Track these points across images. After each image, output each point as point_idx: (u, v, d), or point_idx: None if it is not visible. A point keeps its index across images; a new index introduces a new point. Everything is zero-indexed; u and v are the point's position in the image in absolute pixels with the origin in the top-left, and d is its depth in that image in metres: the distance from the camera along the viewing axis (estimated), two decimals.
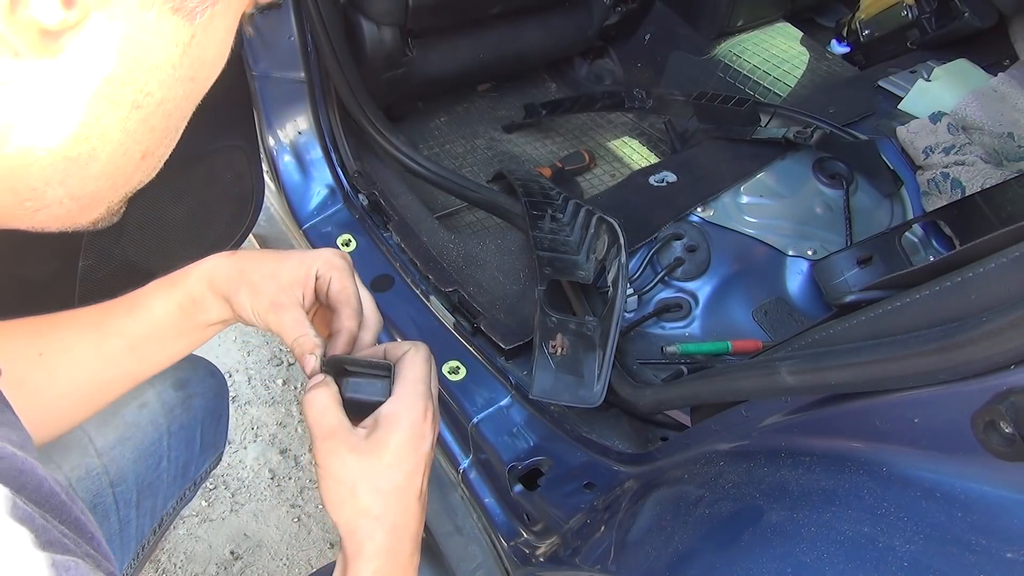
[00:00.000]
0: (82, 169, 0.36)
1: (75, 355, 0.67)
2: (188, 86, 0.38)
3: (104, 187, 0.39)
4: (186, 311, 0.69)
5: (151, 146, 0.39)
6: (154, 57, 0.35)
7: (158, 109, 0.37)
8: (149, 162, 0.40)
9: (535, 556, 0.89)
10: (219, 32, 0.37)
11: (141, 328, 0.68)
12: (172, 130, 0.39)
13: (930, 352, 0.44)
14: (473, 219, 1.49)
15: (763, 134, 1.26)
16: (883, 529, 0.47)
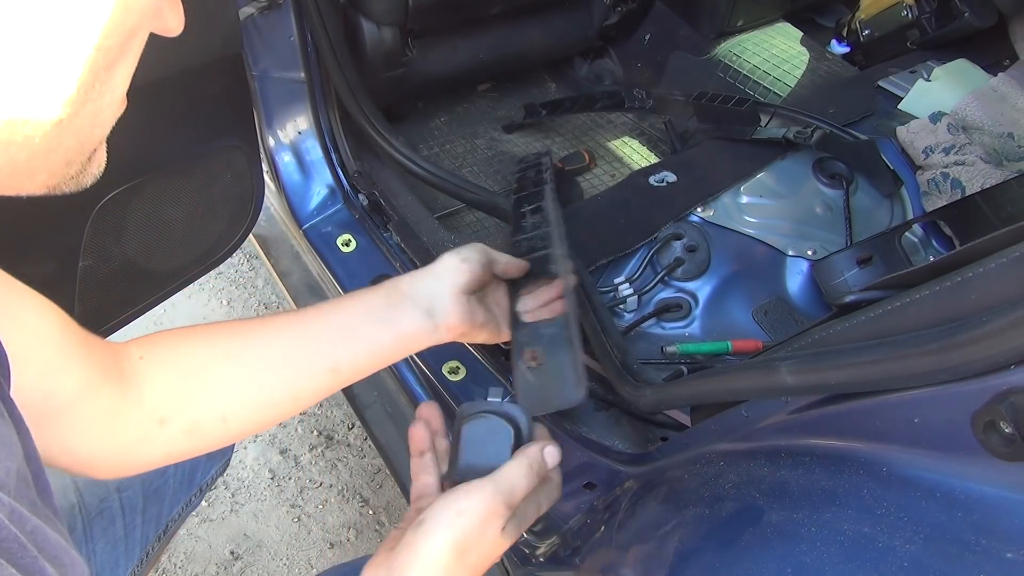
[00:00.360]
0: (38, 125, 0.35)
1: (286, 333, 0.71)
2: (129, 39, 0.37)
3: (21, 156, 0.37)
4: (392, 296, 0.75)
5: (102, 96, 0.38)
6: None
7: (103, 57, 0.36)
8: (74, 124, 0.38)
9: (535, 556, 0.89)
10: None
11: (350, 309, 0.74)
12: (91, 84, 0.38)
13: (930, 352, 0.44)
14: (473, 219, 1.49)
15: (763, 134, 1.26)
16: (883, 529, 0.47)
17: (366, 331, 0.73)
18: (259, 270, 2.02)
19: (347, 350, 0.72)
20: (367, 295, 0.75)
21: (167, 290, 1.04)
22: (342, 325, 0.72)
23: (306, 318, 0.72)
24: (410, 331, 0.75)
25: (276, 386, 0.69)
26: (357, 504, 1.59)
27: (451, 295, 0.76)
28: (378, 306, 0.74)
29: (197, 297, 1.95)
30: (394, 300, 0.75)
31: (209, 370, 0.67)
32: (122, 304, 0.98)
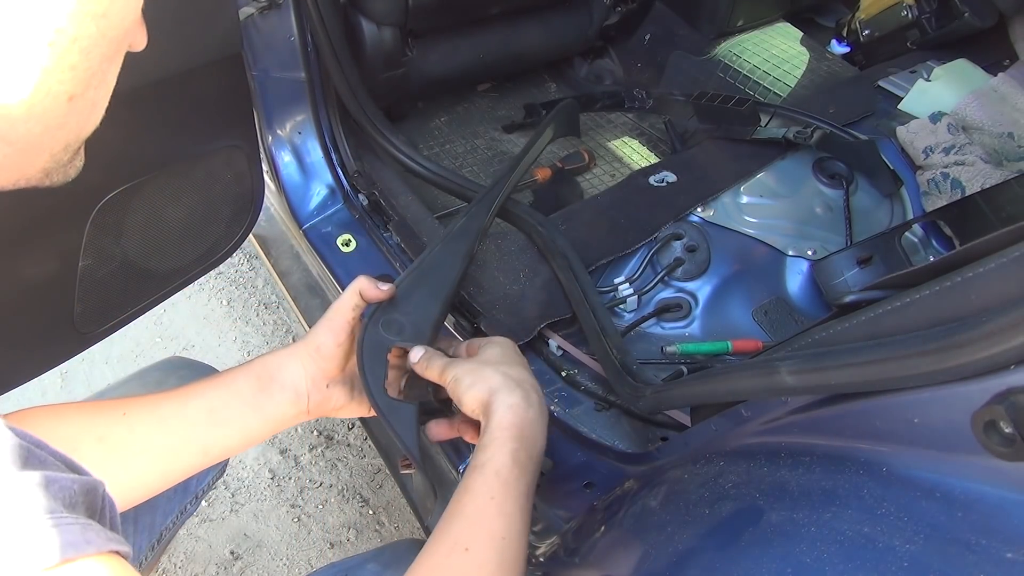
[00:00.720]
0: (5, 110, 0.37)
1: (157, 414, 0.72)
2: (101, 23, 0.38)
3: (36, 130, 0.39)
4: (263, 381, 0.77)
5: (76, 87, 0.39)
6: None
7: (73, 46, 0.37)
8: (80, 105, 0.40)
9: (535, 556, 0.89)
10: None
11: (220, 393, 0.76)
12: (96, 71, 0.40)
13: (930, 352, 0.44)
14: None
15: (763, 134, 1.26)
16: (883, 529, 0.47)
17: (236, 416, 0.75)
18: (259, 270, 2.02)
19: (217, 434, 0.75)
20: (240, 378, 0.77)
21: (167, 290, 1.04)
22: (213, 409, 0.74)
23: (180, 400, 0.74)
24: (278, 416, 0.77)
25: (146, 470, 0.70)
26: (357, 504, 1.59)
27: (313, 383, 0.78)
28: (249, 391, 0.76)
29: (197, 297, 1.95)
30: (264, 384, 0.77)
31: (80, 452, 0.67)
32: (122, 304, 0.98)
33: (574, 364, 1.02)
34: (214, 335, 1.88)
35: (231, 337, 1.87)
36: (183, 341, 1.86)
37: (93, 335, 0.96)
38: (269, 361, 0.78)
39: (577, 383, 1.00)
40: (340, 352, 0.79)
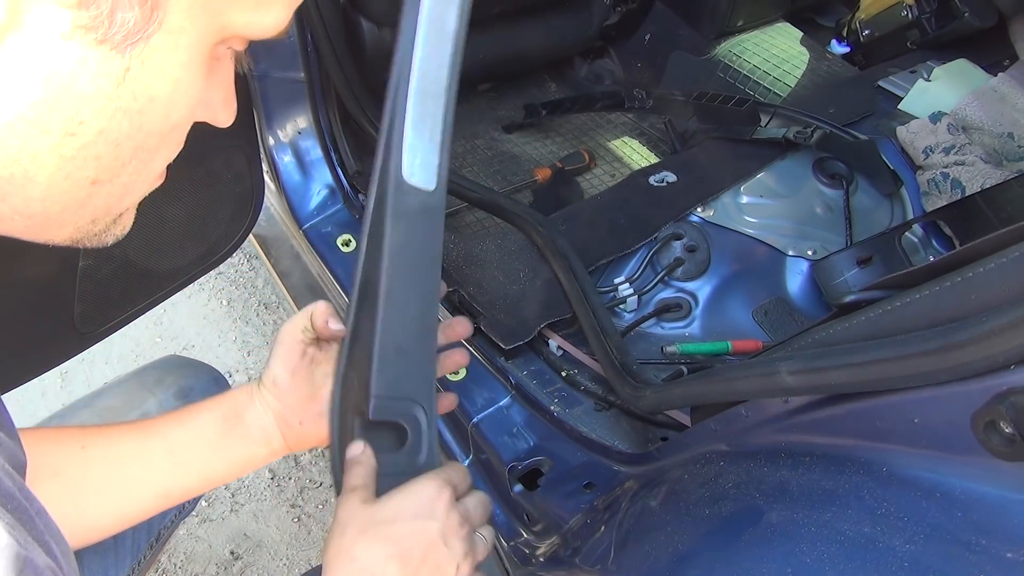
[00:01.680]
0: (21, 189, 0.37)
1: (116, 452, 0.68)
2: (136, 119, 0.37)
3: (55, 209, 0.39)
4: (229, 422, 0.70)
5: (101, 173, 0.38)
6: (82, 87, 0.34)
7: (99, 138, 0.36)
8: (107, 189, 0.39)
9: (535, 556, 0.89)
10: (167, 67, 0.36)
11: (182, 434, 0.69)
12: (129, 160, 0.39)
13: (930, 352, 0.44)
14: (473, 219, 1.49)
15: (763, 134, 1.26)
16: (883, 529, 0.47)
17: (197, 458, 0.70)
18: (259, 270, 2.02)
19: (177, 476, 0.69)
20: (204, 416, 0.70)
21: (167, 290, 1.04)
22: (173, 450, 0.69)
23: (141, 438, 0.69)
24: (245, 458, 0.71)
25: (99, 512, 0.66)
26: None
27: (283, 421, 0.71)
28: (214, 431, 0.70)
29: (197, 297, 1.95)
30: (230, 425, 0.70)
31: (34, 484, 0.59)
32: (122, 304, 0.98)
33: (574, 364, 1.02)
34: (214, 335, 1.88)
35: (231, 337, 1.87)
36: (183, 341, 1.86)
37: (93, 335, 0.96)
38: (237, 398, 0.71)
39: (577, 383, 1.00)
40: (299, 382, 0.69)
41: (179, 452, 0.69)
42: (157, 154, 0.41)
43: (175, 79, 0.37)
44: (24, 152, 0.35)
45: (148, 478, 0.68)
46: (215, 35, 0.38)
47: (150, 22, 0.34)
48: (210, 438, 0.70)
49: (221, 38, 0.39)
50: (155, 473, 0.68)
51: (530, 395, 1.00)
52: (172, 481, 0.69)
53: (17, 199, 0.37)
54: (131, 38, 0.34)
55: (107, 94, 0.35)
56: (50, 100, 0.34)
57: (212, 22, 0.37)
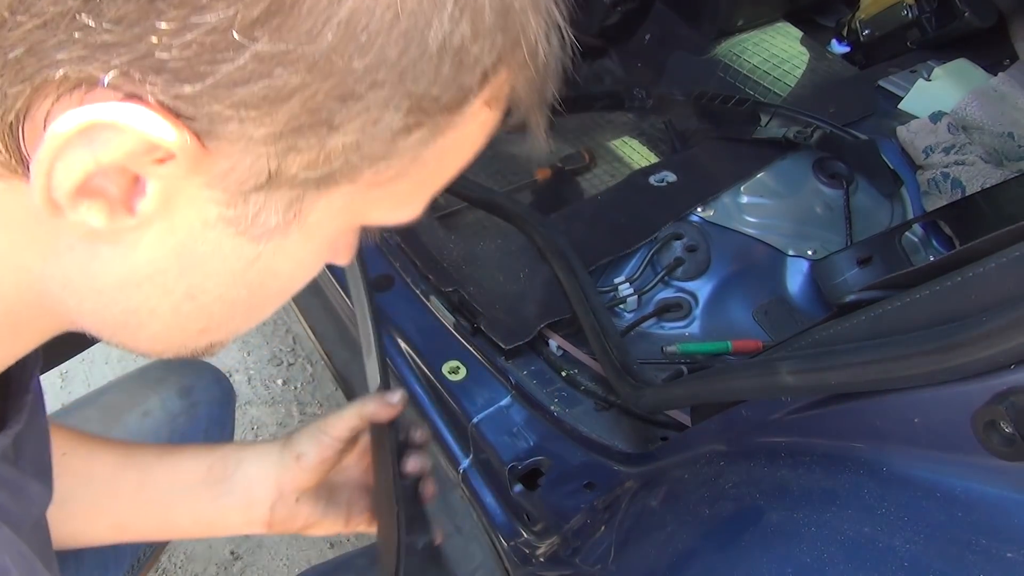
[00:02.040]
0: (131, 332, 0.38)
1: (89, 470, 0.65)
2: (256, 290, 0.38)
3: (159, 347, 0.40)
4: (213, 475, 0.67)
5: (211, 325, 0.39)
6: (213, 265, 0.35)
7: (216, 301, 0.37)
8: (212, 335, 0.41)
9: (535, 556, 0.89)
10: (296, 252, 0.37)
11: (159, 472, 0.67)
12: (239, 315, 0.40)
13: (930, 352, 0.44)
14: (473, 219, 1.48)
15: (763, 134, 1.26)
16: (883, 529, 0.47)
17: (164, 504, 0.66)
18: None
19: (138, 516, 0.66)
20: (188, 462, 0.67)
21: None
22: (144, 487, 0.66)
23: (116, 462, 0.66)
24: (216, 521, 0.67)
25: (55, 522, 0.62)
26: None
27: (280, 497, 0.67)
28: (192, 481, 0.66)
29: None
30: (213, 480, 0.66)
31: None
32: None
33: (574, 364, 1.02)
34: None
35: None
36: None
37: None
38: (230, 453, 0.68)
39: (577, 383, 1.00)
40: (322, 468, 0.67)
41: (148, 490, 0.66)
42: (269, 310, 0.42)
43: (301, 261, 0.38)
44: (144, 307, 0.36)
45: (110, 507, 0.66)
46: (350, 226, 0.39)
47: (292, 224, 0.35)
48: (186, 486, 0.67)
49: (355, 227, 0.40)
50: (118, 504, 0.66)
51: (530, 395, 1.00)
52: (131, 519, 0.67)
53: (125, 337, 0.39)
54: (270, 235, 0.35)
55: (234, 272, 0.36)
56: (180, 271, 0.35)
57: (351, 220, 0.38)
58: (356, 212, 0.37)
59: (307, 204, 0.34)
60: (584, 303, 1.00)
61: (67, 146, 0.28)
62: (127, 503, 0.66)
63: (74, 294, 0.35)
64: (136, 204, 0.31)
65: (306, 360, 1.81)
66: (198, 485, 0.66)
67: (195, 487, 0.66)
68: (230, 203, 0.33)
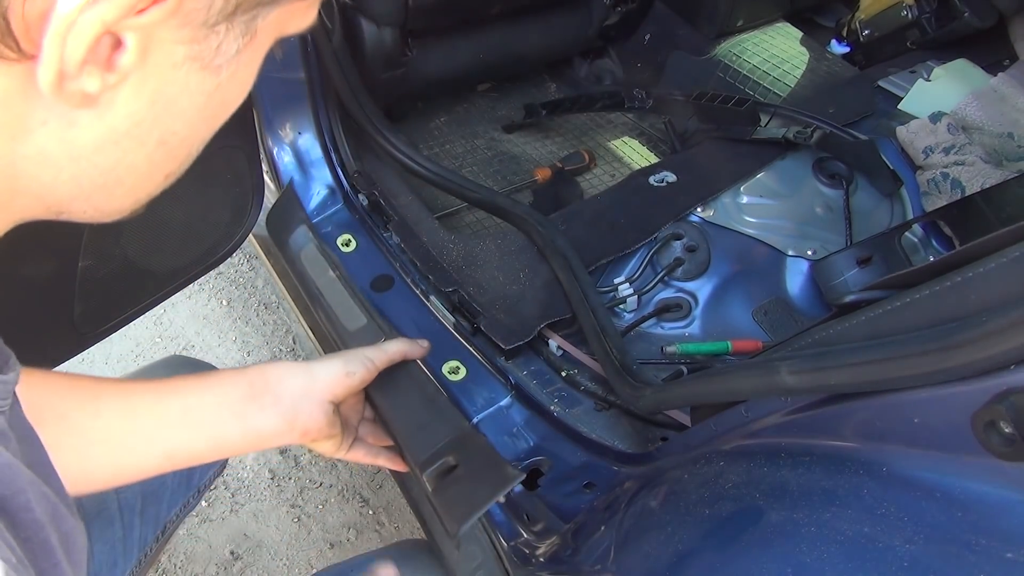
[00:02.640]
0: (107, 192, 0.39)
1: (129, 404, 0.67)
2: (211, 122, 0.40)
3: (128, 202, 0.42)
4: (255, 388, 0.71)
5: (173, 167, 0.41)
6: (182, 105, 0.37)
7: (182, 143, 0.39)
8: (171, 178, 0.43)
9: (535, 556, 0.89)
10: (243, 77, 0.39)
11: (203, 394, 0.70)
12: (193, 152, 0.42)
13: (930, 352, 0.44)
14: (473, 219, 1.49)
15: (763, 134, 1.26)
16: (883, 529, 0.47)
17: (213, 420, 0.69)
18: (259, 270, 2.02)
19: (186, 437, 0.69)
20: (227, 381, 0.71)
21: (167, 290, 1.04)
22: (189, 408, 0.68)
23: (157, 395, 0.69)
24: (262, 430, 0.71)
25: (99, 462, 0.65)
26: (357, 504, 1.59)
27: (320, 404, 0.73)
28: (236, 397, 0.70)
29: (197, 297, 1.95)
30: (256, 392, 0.71)
31: (39, 425, 0.60)
32: (122, 304, 0.98)
33: (574, 364, 1.02)
34: (214, 335, 1.88)
35: (231, 337, 1.87)
36: (183, 341, 1.86)
37: (93, 335, 0.96)
38: (269, 370, 0.73)
39: (577, 383, 1.00)
40: (360, 387, 0.77)
41: (195, 412, 0.69)
42: (203, 144, 0.44)
43: (244, 82, 0.40)
44: (122, 163, 0.38)
45: (157, 435, 0.68)
46: (274, 40, 0.41)
47: (247, 49, 0.37)
48: (231, 402, 0.70)
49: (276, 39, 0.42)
50: (165, 430, 0.68)
51: (530, 395, 1.00)
52: (181, 441, 0.69)
53: (100, 199, 0.40)
54: (229, 63, 0.37)
55: (199, 107, 0.38)
56: (154, 119, 0.36)
57: (279, 32, 0.40)
58: (284, 22, 0.39)
59: (259, 23, 0.36)
60: (584, 303, 1.00)
61: (80, 15, 0.30)
62: (174, 428, 0.68)
63: (51, 167, 0.36)
64: (117, 61, 0.32)
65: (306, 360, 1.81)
66: (244, 400, 0.70)
67: (241, 403, 0.70)
68: (196, 39, 0.34)
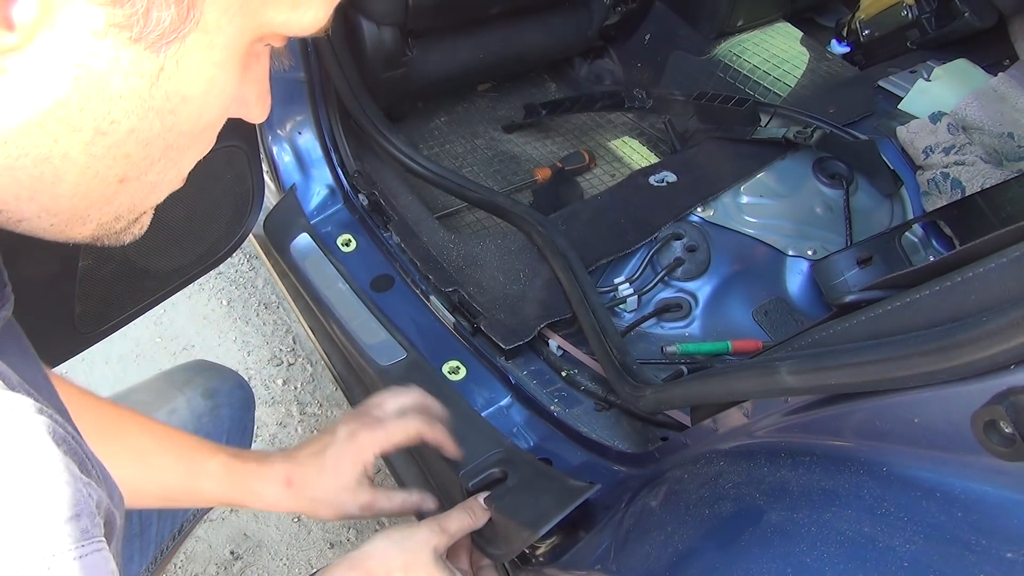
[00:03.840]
0: (50, 188, 0.36)
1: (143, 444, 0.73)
2: (168, 118, 0.37)
3: (81, 206, 0.39)
4: (241, 462, 0.75)
5: (130, 171, 0.38)
6: (115, 86, 0.34)
7: (130, 137, 0.36)
8: (134, 186, 0.39)
9: (535, 556, 0.89)
10: (202, 66, 0.36)
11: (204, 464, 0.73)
12: (158, 158, 0.39)
13: (930, 352, 0.44)
14: (473, 219, 1.49)
15: (763, 134, 1.26)
16: (883, 529, 0.47)
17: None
18: (259, 270, 2.02)
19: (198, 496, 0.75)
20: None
21: (167, 290, 1.04)
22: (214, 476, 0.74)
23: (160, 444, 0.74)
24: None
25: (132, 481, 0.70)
26: None
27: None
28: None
29: (197, 297, 1.95)
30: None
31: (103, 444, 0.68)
32: (122, 304, 0.98)
33: (574, 364, 1.02)
34: (214, 335, 1.88)
35: (231, 337, 1.87)
36: (183, 341, 1.86)
37: (93, 335, 0.96)
38: (300, 467, 0.77)
39: (577, 383, 1.00)
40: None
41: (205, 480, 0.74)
42: (187, 153, 0.41)
43: (209, 78, 0.37)
44: (55, 151, 0.35)
45: (158, 479, 0.73)
46: (252, 33, 0.38)
47: (186, 21, 0.33)
48: (216, 477, 0.74)
49: (259, 36, 0.38)
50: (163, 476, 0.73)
51: (530, 395, 1.00)
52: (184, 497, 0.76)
53: (45, 197, 0.37)
54: (166, 37, 0.33)
55: (140, 94, 0.35)
56: (81, 99, 0.34)
57: (250, 20, 0.37)
58: (253, 11, 0.36)
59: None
60: (584, 303, 1.00)
61: None
62: (179, 480, 0.73)
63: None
64: (11, 14, 0.30)
65: (306, 360, 1.81)
66: (231, 471, 0.75)
67: (227, 472, 0.75)
68: (115, 0, 0.31)
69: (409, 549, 0.72)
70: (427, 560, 0.72)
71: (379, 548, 0.72)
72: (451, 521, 0.75)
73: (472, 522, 0.76)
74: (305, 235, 1.25)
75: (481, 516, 0.77)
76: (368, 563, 0.70)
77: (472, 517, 0.77)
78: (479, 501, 0.78)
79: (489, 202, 1.23)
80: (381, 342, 1.08)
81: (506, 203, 1.20)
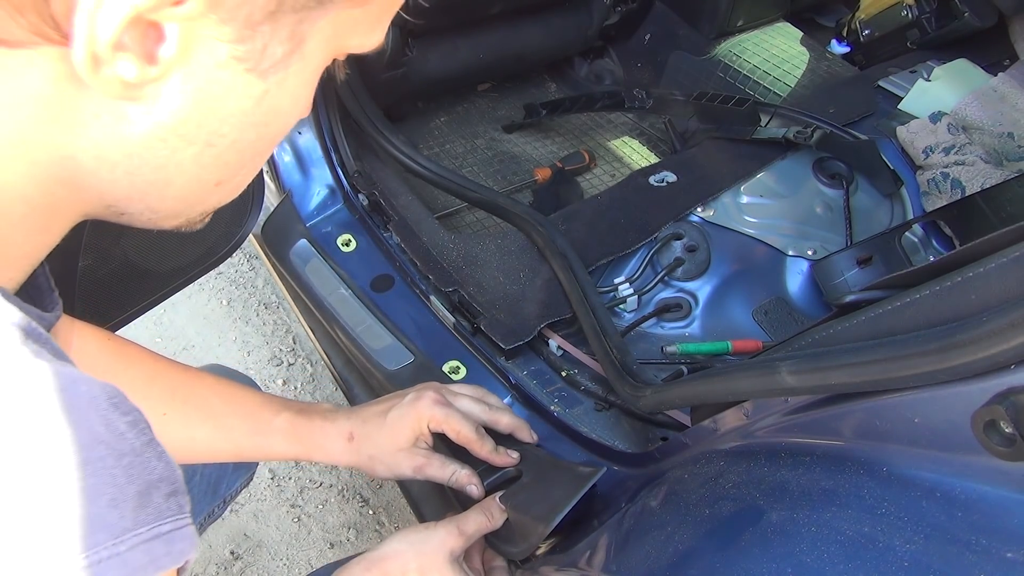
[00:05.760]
0: (159, 191, 0.42)
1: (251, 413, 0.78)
2: (261, 130, 0.42)
3: (180, 206, 0.45)
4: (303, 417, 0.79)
5: (225, 175, 0.43)
6: (228, 107, 0.39)
7: (231, 147, 0.41)
8: (224, 188, 0.45)
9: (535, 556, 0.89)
10: (294, 87, 0.41)
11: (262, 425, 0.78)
12: (247, 163, 0.44)
13: (930, 352, 0.44)
14: (473, 219, 1.49)
15: (763, 134, 1.26)
16: (883, 529, 0.47)
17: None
18: (259, 270, 2.02)
19: (277, 451, 0.80)
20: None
21: (167, 290, 1.04)
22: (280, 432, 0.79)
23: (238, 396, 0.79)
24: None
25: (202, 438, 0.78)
26: (357, 504, 1.59)
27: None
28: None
29: (197, 297, 1.95)
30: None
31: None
32: (122, 304, 0.98)
33: (574, 364, 1.02)
34: (214, 335, 1.88)
35: (231, 337, 1.87)
36: (183, 341, 1.86)
37: None
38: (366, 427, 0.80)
39: (577, 383, 1.00)
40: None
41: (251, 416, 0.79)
42: (267, 155, 0.46)
43: (296, 96, 0.42)
44: (171, 161, 0.40)
45: (230, 438, 0.78)
46: (333, 54, 0.43)
47: (294, 54, 0.39)
48: (279, 430, 0.79)
49: (335, 55, 0.43)
50: (235, 435, 0.79)
51: (530, 395, 1.00)
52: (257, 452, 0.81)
53: (154, 199, 0.42)
54: (276, 67, 0.39)
55: (245, 112, 0.40)
56: (199, 118, 0.38)
57: (337, 46, 0.42)
58: (340, 37, 0.41)
59: (306, 29, 0.38)
60: (584, 303, 1.00)
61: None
62: (249, 437, 0.78)
63: (106, 162, 0.39)
64: (158, 52, 0.34)
65: (306, 360, 1.81)
66: (293, 424, 0.80)
67: (289, 426, 0.80)
68: (240, 39, 0.36)
69: (425, 552, 0.72)
70: (443, 563, 0.72)
71: (396, 549, 0.72)
72: (468, 523, 0.75)
73: (489, 523, 0.76)
74: (304, 241, 1.26)
75: (498, 517, 0.77)
76: (384, 564, 0.71)
77: (489, 518, 0.77)
78: (496, 501, 0.78)
79: (489, 202, 1.23)
80: (387, 346, 1.08)
81: (506, 203, 1.20)
